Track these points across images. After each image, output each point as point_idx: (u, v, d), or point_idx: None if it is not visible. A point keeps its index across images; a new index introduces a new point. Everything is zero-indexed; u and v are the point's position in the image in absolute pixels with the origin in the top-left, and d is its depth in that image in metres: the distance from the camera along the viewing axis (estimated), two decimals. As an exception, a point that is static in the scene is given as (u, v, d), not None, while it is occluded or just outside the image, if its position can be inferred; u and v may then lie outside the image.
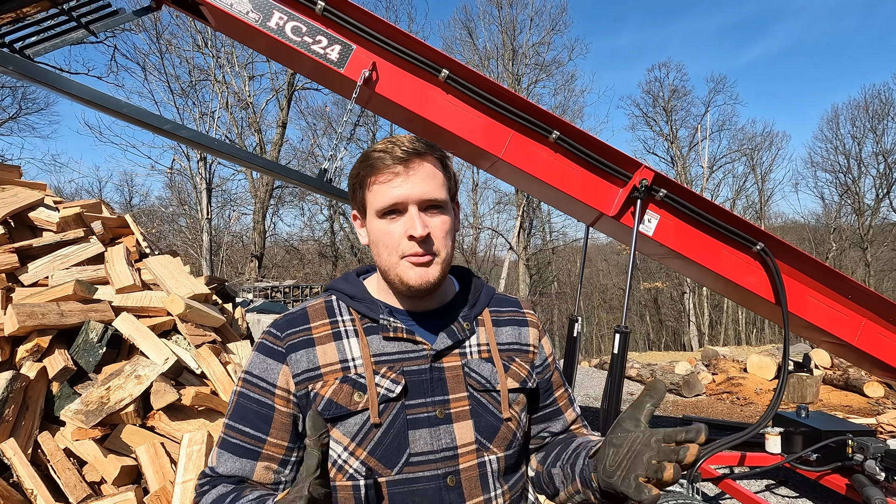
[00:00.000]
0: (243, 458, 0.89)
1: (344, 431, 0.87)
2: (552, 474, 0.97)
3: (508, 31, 24.52)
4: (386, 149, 0.89)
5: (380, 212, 0.89)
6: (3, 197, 2.92)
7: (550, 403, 1.07)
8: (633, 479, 0.72)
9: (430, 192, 0.89)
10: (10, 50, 2.75)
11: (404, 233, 0.88)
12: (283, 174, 3.25)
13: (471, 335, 0.97)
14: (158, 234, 19.61)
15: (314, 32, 2.88)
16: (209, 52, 18.44)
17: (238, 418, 0.91)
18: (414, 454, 0.87)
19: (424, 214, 0.89)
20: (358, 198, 0.94)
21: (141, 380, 2.29)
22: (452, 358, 0.94)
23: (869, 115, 26.06)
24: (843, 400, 6.93)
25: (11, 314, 2.24)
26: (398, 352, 0.91)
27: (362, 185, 0.91)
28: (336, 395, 0.88)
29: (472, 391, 0.93)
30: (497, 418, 0.93)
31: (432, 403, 0.90)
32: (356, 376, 0.89)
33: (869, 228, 25.52)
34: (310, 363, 0.90)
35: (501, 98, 3.04)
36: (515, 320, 1.04)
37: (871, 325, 3.49)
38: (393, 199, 0.88)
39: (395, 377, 0.89)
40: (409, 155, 0.88)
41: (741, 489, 3.36)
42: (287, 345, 0.91)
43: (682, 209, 3.22)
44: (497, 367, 0.96)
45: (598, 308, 29.78)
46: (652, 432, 0.75)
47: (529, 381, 0.99)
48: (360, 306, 0.95)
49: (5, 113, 18.51)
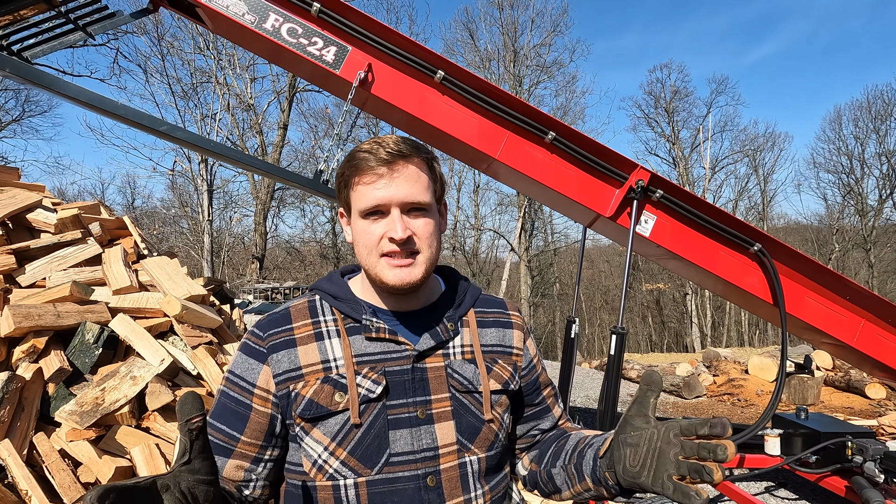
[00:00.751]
0: (216, 455, 0.89)
1: (324, 431, 0.87)
2: (552, 474, 0.98)
3: (510, 33, 24.57)
4: (371, 149, 0.88)
5: (363, 212, 0.90)
6: (1, 199, 2.94)
7: (539, 402, 1.07)
8: (667, 478, 0.71)
9: (412, 194, 0.88)
10: (8, 52, 2.77)
11: (385, 233, 0.88)
12: (278, 175, 3.25)
13: (455, 336, 0.97)
14: (160, 236, 19.67)
15: (310, 34, 2.89)
16: (210, 54, 18.51)
17: (216, 416, 0.92)
18: (394, 454, 0.87)
19: (407, 217, 0.89)
20: (343, 197, 0.94)
21: (136, 381, 2.30)
22: (435, 359, 0.94)
23: (872, 116, 26.02)
24: (844, 401, 6.90)
25: (8, 315, 2.25)
26: (380, 352, 0.91)
27: (347, 185, 0.92)
28: (317, 395, 0.88)
29: (454, 392, 0.93)
30: (479, 419, 0.93)
31: (413, 404, 0.90)
32: (337, 376, 0.89)
33: (872, 229, 25.43)
34: (291, 363, 0.90)
35: (497, 99, 3.04)
36: (500, 322, 1.04)
37: (870, 327, 3.47)
38: (375, 201, 0.88)
39: (376, 377, 0.89)
40: (393, 157, 0.87)
41: (740, 491, 3.35)
42: (269, 345, 0.92)
43: (679, 210, 3.22)
44: (480, 368, 0.95)
45: (600, 310, 29.73)
46: (667, 426, 0.74)
47: (512, 383, 0.99)
48: (343, 306, 0.95)
49: (9, 115, 18.63)
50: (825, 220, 28.48)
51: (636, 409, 0.80)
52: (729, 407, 7.13)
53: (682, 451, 0.70)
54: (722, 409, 7.02)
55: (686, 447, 0.70)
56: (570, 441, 1.00)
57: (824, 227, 28.26)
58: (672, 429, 0.73)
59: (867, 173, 26.02)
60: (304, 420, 0.88)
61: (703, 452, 0.68)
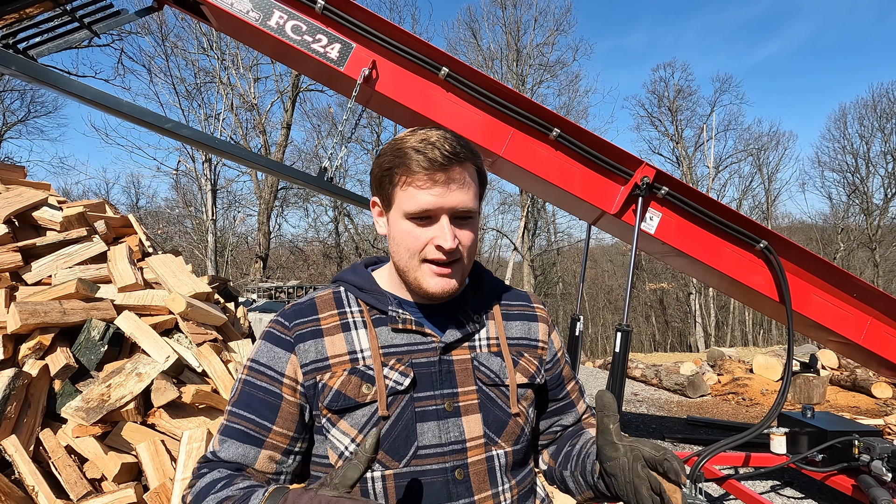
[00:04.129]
0: (247, 445, 0.87)
1: (351, 423, 0.87)
2: (564, 477, 0.98)
3: (513, 32, 24.52)
4: (423, 149, 0.83)
5: (409, 214, 0.86)
6: (7, 196, 2.95)
7: (563, 397, 1.06)
8: None
9: (464, 202, 0.86)
10: (14, 51, 2.78)
11: (431, 240, 0.86)
12: (283, 172, 3.26)
13: (480, 328, 0.96)
14: (165, 236, 19.74)
15: (314, 31, 2.89)
16: (214, 54, 18.54)
17: (243, 405, 0.89)
18: (422, 447, 0.86)
19: (454, 224, 0.86)
20: (385, 190, 0.89)
21: (142, 377, 2.30)
22: (462, 351, 0.93)
23: (877, 114, 25.84)
24: (850, 401, 6.86)
25: (14, 312, 2.26)
26: (407, 344, 0.91)
27: (392, 181, 0.87)
28: (344, 386, 0.87)
29: (480, 385, 0.92)
30: (506, 413, 0.92)
31: (441, 396, 0.89)
32: (364, 368, 0.88)
33: (877, 228, 25.28)
34: (318, 354, 0.89)
35: (501, 96, 3.03)
36: (525, 315, 1.03)
37: (877, 324, 3.45)
38: (427, 206, 0.84)
39: (403, 369, 0.88)
40: (450, 162, 0.83)
41: (746, 490, 3.33)
42: (295, 334, 0.90)
43: (684, 207, 3.20)
44: (506, 361, 0.95)
45: (604, 309, 29.67)
46: (633, 456, 0.79)
47: (538, 377, 0.98)
48: (369, 297, 0.94)
49: (14, 116, 18.71)
50: (830, 219, 28.33)
51: (601, 438, 0.82)
52: (734, 406, 7.11)
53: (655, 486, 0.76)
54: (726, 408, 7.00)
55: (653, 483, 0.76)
56: (578, 444, 0.99)
57: (829, 227, 28.10)
58: (638, 460, 0.78)
59: (872, 172, 25.87)
60: (331, 412, 0.87)
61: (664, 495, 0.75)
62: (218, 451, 0.88)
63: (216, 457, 0.88)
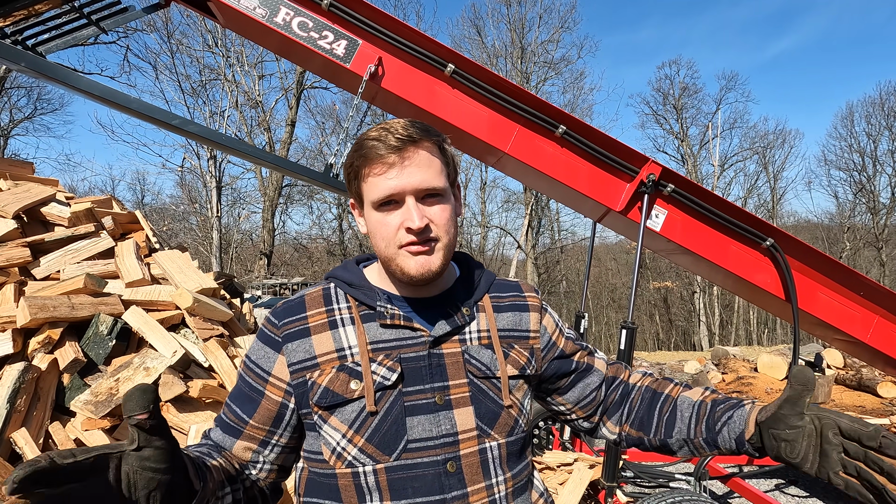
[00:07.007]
0: (226, 434, 0.94)
1: (341, 419, 0.88)
2: (667, 444, 0.98)
3: (517, 29, 24.46)
4: (379, 136, 0.85)
5: (376, 203, 0.88)
6: (16, 192, 2.97)
7: (575, 367, 1.05)
8: (834, 475, 0.75)
9: (426, 180, 0.86)
10: (23, 47, 2.79)
11: (401, 224, 0.87)
12: (288, 168, 3.26)
13: (470, 321, 0.96)
14: (170, 233, 19.83)
15: (320, 28, 2.89)
16: (219, 51, 18.59)
17: (233, 398, 0.97)
18: (412, 440, 0.87)
19: (422, 204, 0.87)
20: (354, 188, 0.92)
21: (149, 372, 2.32)
22: (452, 344, 0.93)
23: (885, 113, 25.68)
24: (855, 400, 6.83)
25: (24, 307, 2.28)
26: (396, 339, 0.91)
27: (357, 176, 0.89)
28: (332, 383, 0.88)
29: (472, 377, 0.92)
30: (498, 405, 0.93)
31: (431, 390, 0.89)
32: (352, 364, 0.89)
33: (884, 227, 25.13)
34: (306, 353, 0.90)
35: (507, 92, 3.03)
36: (516, 305, 1.03)
37: (884, 323, 3.43)
38: (388, 191, 0.86)
39: (391, 364, 0.89)
40: (403, 143, 0.85)
41: (750, 488, 3.33)
42: (283, 334, 0.92)
43: (691, 204, 3.19)
44: (497, 353, 0.95)
45: (608, 307, 29.63)
46: (824, 424, 0.78)
47: (528, 368, 0.99)
48: (358, 293, 0.94)
49: (21, 113, 18.82)
50: (836, 218, 28.18)
51: (790, 408, 0.81)
52: (738, 405, 7.10)
53: (846, 453, 0.74)
54: (731, 407, 6.99)
55: (850, 450, 0.74)
56: (680, 410, 0.98)
57: (835, 226, 27.95)
58: (831, 428, 0.77)
59: (879, 171, 25.71)
60: (321, 408, 0.88)
61: (870, 463, 0.72)
62: (210, 433, 0.97)
63: (208, 437, 0.97)
